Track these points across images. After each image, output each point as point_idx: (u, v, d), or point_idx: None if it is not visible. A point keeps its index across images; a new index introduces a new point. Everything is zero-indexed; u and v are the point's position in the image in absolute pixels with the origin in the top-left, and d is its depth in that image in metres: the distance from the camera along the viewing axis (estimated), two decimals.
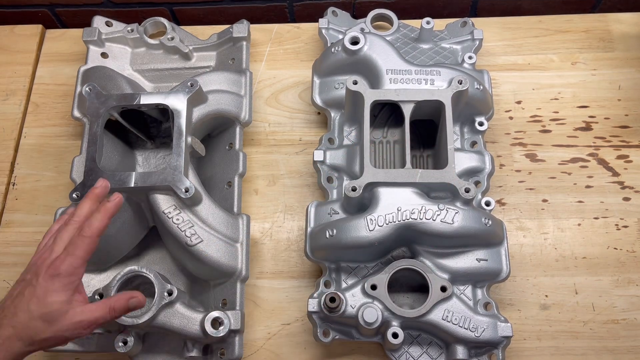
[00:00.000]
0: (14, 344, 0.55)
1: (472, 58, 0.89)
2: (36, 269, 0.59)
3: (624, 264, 0.83)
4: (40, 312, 0.56)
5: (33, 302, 0.56)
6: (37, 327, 0.56)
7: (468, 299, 0.76)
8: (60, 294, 0.57)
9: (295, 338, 0.81)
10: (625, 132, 0.91)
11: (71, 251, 0.59)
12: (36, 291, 0.57)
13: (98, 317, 0.59)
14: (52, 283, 0.57)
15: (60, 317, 0.57)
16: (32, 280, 0.58)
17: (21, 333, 0.56)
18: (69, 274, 0.58)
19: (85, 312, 0.58)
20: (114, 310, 0.60)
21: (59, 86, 1.00)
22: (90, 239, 0.60)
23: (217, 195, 0.85)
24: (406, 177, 0.75)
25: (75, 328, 0.58)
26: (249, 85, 0.90)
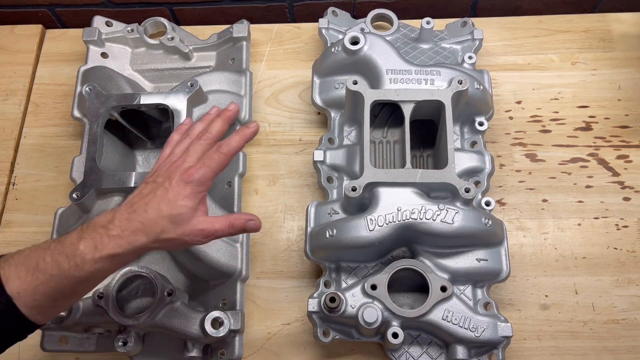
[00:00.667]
0: (139, 237, 0.58)
1: (472, 58, 0.89)
2: (169, 173, 0.62)
3: (624, 264, 0.83)
4: (170, 212, 0.59)
5: (164, 203, 0.59)
6: (164, 226, 0.59)
7: (468, 299, 0.76)
8: (190, 200, 0.60)
9: (295, 338, 0.81)
10: (625, 132, 0.91)
11: (207, 163, 0.62)
12: (168, 193, 0.60)
13: (218, 229, 0.62)
14: (184, 188, 0.60)
15: (186, 221, 0.60)
16: (165, 183, 0.61)
17: (148, 229, 0.59)
18: (200, 183, 0.61)
19: (208, 221, 0.62)
20: (233, 227, 0.64)
21: (59, 86, 1.00)
22: (226, 156, 0.63)
23: (217, 195, 0.85)
24: (406, 177, 0.75)
25: (196, 234, 0.61)
26: (249, 85, 0.90)
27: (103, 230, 0.57)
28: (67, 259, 0.55)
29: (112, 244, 0.57)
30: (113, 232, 0.57)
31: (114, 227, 0.58)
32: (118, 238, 0.57)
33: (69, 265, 0.55)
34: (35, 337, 0.78)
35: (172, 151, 0.66)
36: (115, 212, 0.60)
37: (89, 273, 0.56)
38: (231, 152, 0.64)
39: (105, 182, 0.76)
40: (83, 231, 0.58)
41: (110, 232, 0.57)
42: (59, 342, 0.77)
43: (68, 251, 0.56)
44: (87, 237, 0.57)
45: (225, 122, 0.68)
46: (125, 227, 0.58)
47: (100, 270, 0.57)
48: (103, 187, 0.76)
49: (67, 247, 0.56)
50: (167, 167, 0.64)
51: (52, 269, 0.55)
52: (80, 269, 0.55)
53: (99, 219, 0.59)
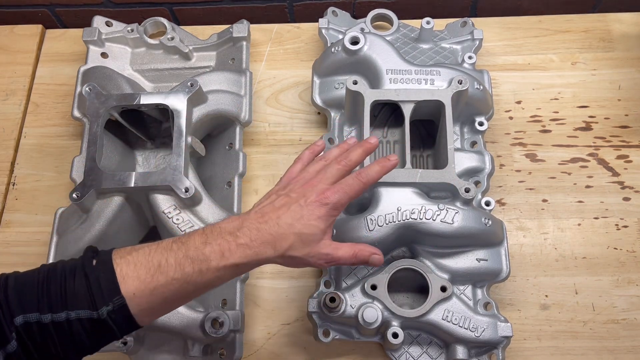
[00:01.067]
0: (267, 249, 0.57)
1: (472, 58, 0.89)
2: (304, 191, 0.61)
3: (624, 264, 0.83)
4: (301, 231, 0.58)
5: (297, 220, 0.58)
6: (293, 242, 0.58)
7: (468, 299, 0.76)
8: (322, 222, 0.59)
9: (295, 338, 0.81)
10: (625, 132, 0.91)
11: (344, 188, 0.61)
12: (303, 211, 0.59)
13: (341, 256, 0.61)
14: (319, 209, 0.59)
15: (315, 242, 0.59)
16: (300, 200, 0.60)
17: (277, 243, 0.57)
18: (335, 207, 0.60)
19: (334, 247, 0.61)
20: (356, 258, 0.62)
21: (59, 86, 1.00)
22: (365, 185, 0.62)
23: (217, 195, 0.85)
24: (406, 177, 0.75)
25: (320, 257, 0.60)
26: (249, 85, 0.90)
27: (231, 237, 0.56)
28: (191, 263, 0.54)
29: (239, 253, 0.56)
30: (241, 240, 0.56)
31: (243, 235, 0.57)
32: (246, 248, 0.56)
33: (192, 270, 0.54)
34: None
35: (306, 169, 0.65)
36: (243, 219, 0.58)
37: (210, 280, 0.55)
38: (370, 181, 0.63)
39: (105, 182, 0.76)
40: (208, 235, 0.56)
41: (238, 241, 0.56)
42: None
43: (193, 255, 0.54)
44: (213, 242, 0.55)
45: (365, 153, 0.66)
46: (255, 237, 0.57)
47: (221, 278, 0.56)
48: (103, 187, 0.76)
49: (191, 251, 0.55)
50: (301, 184, 0.62)
51: (174, 272, 0.53)
52: (203, 274, 0.54)
53: (225, 225, 0.58)
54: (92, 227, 0.76)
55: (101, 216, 0.76)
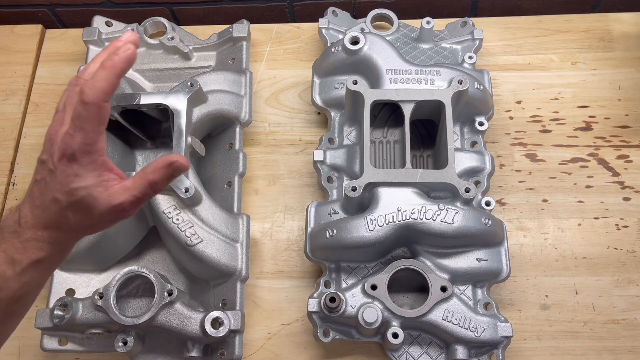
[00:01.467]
0: (55, 234, 0.49)
1: (472, 58, 0.89)
2: (49, 146, 0.49)
3: (624, 264, 0.83)
4: (68, 201, 0.48)
5: (57, 190, 0.48)
6: (71, 216, 0.49)
7: (468, 299, 0.76)
8: (84, 178, 0.48)
9: (295, 338, 0.81)
10: (625, 132, 0.91)
11: (78, 125, 0.47)
12: (57, 177, 0.48)
13: (137, 194, 0.50)
14: (70, 166, 0.48)
15: (93, 203, 0.48)
16: (49, 162, 0.49)
17: (59, 223, 0.49)
18: (85, 153, 0.48)
19: (122, 192, 0.49)
20: (155, 184, 0.50)
21: (59, 86, 1.00)
22: (96, 105, 0.47)
23: (217, 195, 0.85)
24: (406, 177, 0.75)
25: (116, 212, 0.49)
26: (249, 85, 0.90)
27: (14, 238, 0.48)
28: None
29: (30, 249, 0.48)
30: (26, 235, 0.48)
31: (24, 229, 0.49)
32: (33, 241, 0.48)
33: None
34: (35, 337, 0.78)
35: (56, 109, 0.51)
36: (19, 209, 0.50)
37: (18, 290, 0.48)
38: (100, 97, 0.47)
39: None
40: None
41: (22, 237, 0.48)
42: (59, 342, 0.77)
43: None
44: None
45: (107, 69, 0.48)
46: (36, 227, 0.49)
47: (30, 281, 0.49)
48: None
49: None
50: (48, 134, 0.50)
51: None
52: (4, 290, 0.47)
53: (5, 223, 0.50)
54: None
55: None
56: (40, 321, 0.75)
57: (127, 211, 0.50)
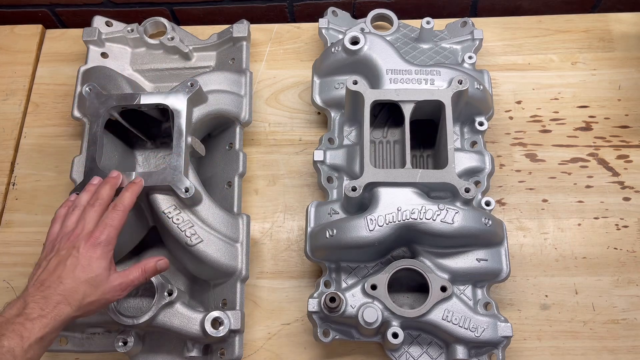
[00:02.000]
0: (63, 309, 0.59)
1: (472, 58, 0.89)
2: (72, 243, 0.64)
3: (624, 264, 0.83)
4: (86, 277, 0.62)
5: (78, 270, 0.62)
6: (84, 291, 0.61)
7: (468, 299, 0.76)
8: (102, 261, 0.63)
9: (295, 338, 0.81)
10: (625, 132, 0.91)
11: (108, 223, 0.66)
12: (80, 260, 0.62)
13: (133, 279, 0.66)
14: (94, 251, 0.63)
15: (104, 281, 0.63)
16: (72, 251, 0.63)
17: (70, 298, 0.60)
18: (107, 243, 0.65)
19: (122, 276, 0.65)
20: (146, 272, 0.67)
21: (59, 86, 1.00)
22: (124, 212, 0.68)
23: (217, 195, 0.85)
24: (406, 177, 0.75)
25: (115, 290, 0.64)
26: (249, 85, 0.90)
27: (21, 318, 0.56)
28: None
29: (37, 326, 0.56)
30: (33, 315, 0.57)
31: (32, 310, 0.57)
32: (41, 318, 0.57)
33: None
34: None
35: (64, 224, 0.68)
36: (24, 297, 0.59)
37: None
38: (127, 208, 0.68)
39: None
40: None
41: (30, 317, 0.57)
42: (59, 342, 0.77)
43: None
44: (6, 332, 0.55)
45: (112, 188, 0.71)
46: (45, 305, 0.58)
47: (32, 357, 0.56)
48: None
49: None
50: (67, 238, 0.65)
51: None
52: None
53: (8, 311, 0.58)
54: None
55: None
56: None
57: (122, 291, 0.65)
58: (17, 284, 0.86)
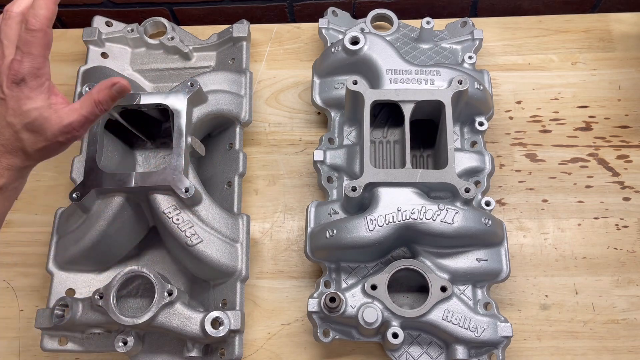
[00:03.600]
0: (10, 161, 0.53)
1: (472, 58, 0.90)
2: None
3: (624, 264, 0.83)
4: (21, 123, 0.53)
5: (10, 115, 0.53)
6: (26, 139, 0.53)
7: (468, 299, 0.76)
8: (34, 100, 0.53)
9: (295, 338, 0.81)
10: (625, 132, 0.91)
11: (26, 51, 0.52)
12: (8, 103, 0.53)
13: (85, 114, 0.55)
14: (20, 90, 0.52)
15: (46, 123, 0.53)
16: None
17: (12, 148, 0.53)
18: (34, 76, 0.53)
19: (71, 113, 0.54)
20: (100, 103, 0.56)
21: (59, 86, 0.97)
22: (42, 31, 0.53)
23: (217, 195, 0.85)
24: (406, 177, 0.75)
25: (67, 131, 0.54)
26: (249, 85, 0.90)
27: None
28: None
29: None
30: None
31: None
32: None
33: None
34: (35, 337, 0.78)
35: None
36: None
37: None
38: (44, 22, 0.53)
39: (105, 182, 0.76)
40: None
41: None
42: (59, 342, 0.77)
43: None
44: None
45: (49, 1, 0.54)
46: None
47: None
48: (103, 187, 0.76)
49: None
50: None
51: None
52: None
53: None
54: (92, 227, 0.76)
55: (101, 216, 0.76)
56: (40, 321, 0.75)
57: (77, 131, 0.54)
58: (17, 284, 0.86)
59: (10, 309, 0.84)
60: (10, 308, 0.84)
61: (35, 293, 0.85)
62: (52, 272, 0.80)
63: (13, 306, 0.85)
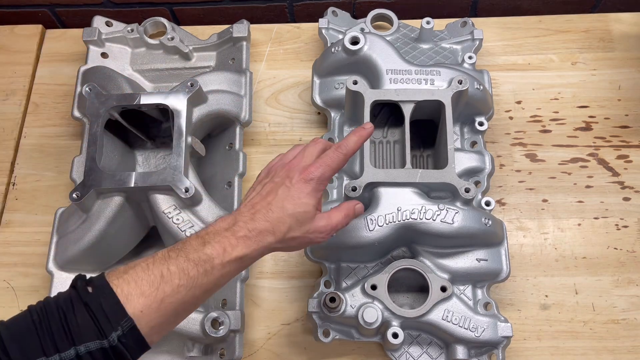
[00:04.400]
0: (266, 238, 0.58)
1: (472, 58, 0.89)
2: (287, 172, 0.62)
3: (624, 264, 0.83)
4: (294, 210, 0.59)
5: (288, 201, 0.59)
6: (290, 224, 0.59)
7: (468, 299, 0.76)
8: (311, 198, 0.60)
9: (295, 338, 0.81)
10: (625, 132, 0.91)
11: (325, 162, 0.62)
12: (290, 192, 0.60)
13: (337, 222, 0.63)
14: (306, 186, 0.60)
15: (309, 219, 0.60)
16: (285, 181, 0.61)
17: (275, 228, 0.58)
18: (320, 181, 0.61)
19: (326, 217, 0.62)
20: (348, 217, 0.64)
21: (59, 86, 1.00)
22: (345, 156, 0.63)
23: (217, 195, 0.85)
24: (406, 177, 0.75)
25: (319, 231, 0.61)
26: (249, 85, 0.90)
27: (228, 233, 0.57)
28: (195, 266, 0.53)
29: (241, 245, 0.56)
30: (240, 233, 0.57)
31: (240, 228, 0.57)
32: (246, 239, 0.57)
33: (197, 272, 0.53)
34: None
35: (285, 155, 0.66)
36: (236, 215, 0.59)
37: (216, 279, 0.55)
38: (349, 152, 0.64)
39: (105, 182, 0.76)
40: (204, 237, 0.56)
41: (237, 234, 0.57)
42: None
43: (194, 257, 0.54)
44: (212, 241, 0.55)
45: (360, 139, 0.66)
46: (252, 227, 0.57)
47: (227, 274, 0.56)
48: (103, 187, 0.75)
49: (192, 254, 0.54)
50: (283, 166, 0.63)
51: (179, 279, 0.52)
52: (209, 274, 0.54)
53: (219, 224, 0.58)
54: (92, 227, 0.76)
55: (101, 216, 0.76)
56: None
57: (327, 233, 0.62)
58: (17, 284, 0.86)
59: (11, 309, 0.84)
60: (11, 308, 0.84)
61: (35, 293, 0.85)
62: (52, 272, 0.79)
63: (13, 306, 0.85)
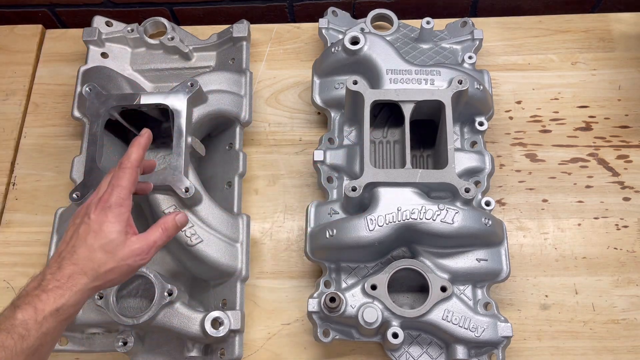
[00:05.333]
0: (78, 280, 0.56)
1: (472, 58, 0.89)
2: (85, 210, 0.61)
3: (624, 264, 0.83)
4: (99, 243, 0.58)
5: (90, 236, 0.58)
6: (99, 258, 0.57)
7: (468, 299, 0.76)
8: (115, 224, 0.59)
9: (295, 338, 0.81)
10: (625, 132, 0.91)
11: (115, 183, 0.61)
12: (91, 226, 0.58)
13: (155, 239, 0.61)
14: (105, 215, 0.59)
15: (120, 245, 0.58)
16: (84, 219, 0.59)
17: (84, 267, 0.57)
18: (118, 205, 0.60)
19: (141, 239, 0.60)
20: (167, 230, 0.63)
21: (59, 86, 1.00)
22: (130, 169, 0.62)
23: (217, 195, 0.85)
24: (406, 177, 0.75)
25: (136, 254, 0.59)
26: (249, 85, 0.90)
27: (38, 290, 0.54)
28: (8, 335, 0.51)
29: (52, 297, 0.54)
30: (49, 286, 0.55)
31: (48, 282, 0.55)
32: (56, 289, 0.54)
33: (13, 340, 0.51)
34: None
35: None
36: (44, 270, 0.57)
37: (37, 339, 0.52)
38: (134, 164, 0.63)
39: None
40: (15, 302, 0.54)
41: (46, 288, 0.54)
42: (59, 342, 0.77)
43: (6, 326, 0.52)
44: (22, 304, 0.53)
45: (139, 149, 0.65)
46: (60, 276, 0.55)
47: (48, 332, 0.53)
48: None
49: (3, 324, 0.52)
50: (82, 207, 0.62)
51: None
52: (26, 338, 0.52)
53: (30, 284, 0.56)
54: None
55: None
56: None
57: (146, 254, 0.60)
58: (17, 284, 0.86)
59: None
60: None
61: None
62: None
63: None
